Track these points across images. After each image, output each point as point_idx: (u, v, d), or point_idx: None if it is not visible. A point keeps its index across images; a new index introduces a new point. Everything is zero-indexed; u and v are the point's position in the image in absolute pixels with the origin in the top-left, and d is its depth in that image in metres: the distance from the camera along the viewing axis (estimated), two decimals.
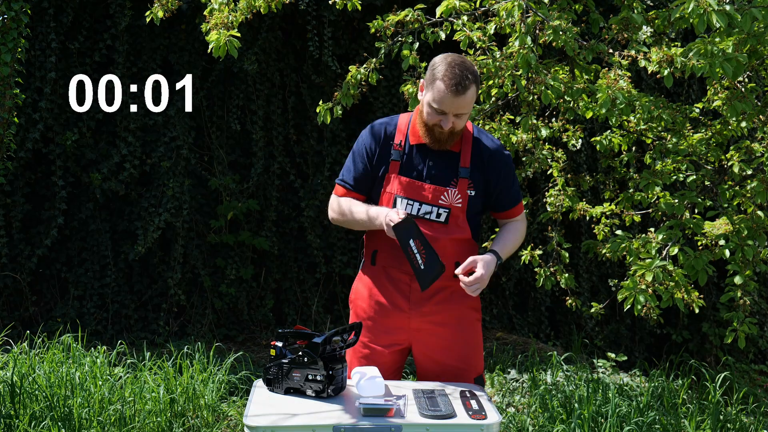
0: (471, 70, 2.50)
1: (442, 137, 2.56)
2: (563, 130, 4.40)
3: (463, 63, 2.51)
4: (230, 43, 3.45)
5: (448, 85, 2.47)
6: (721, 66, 2.88)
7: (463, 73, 2.47)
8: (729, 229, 3.45)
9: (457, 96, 2.47)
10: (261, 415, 2.21)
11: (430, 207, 2.60)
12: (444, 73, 2.48)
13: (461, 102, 2.48)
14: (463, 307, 2.67)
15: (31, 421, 3.61)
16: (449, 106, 2.49)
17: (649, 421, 3.83)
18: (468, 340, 2.68)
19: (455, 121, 2.52)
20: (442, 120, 2.52)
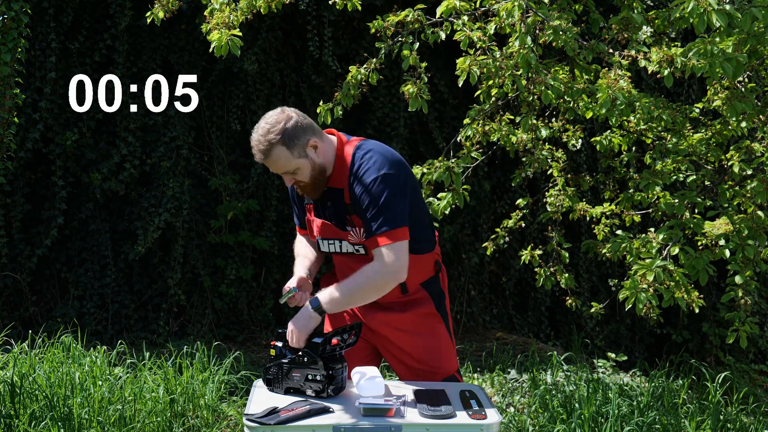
0: (273, 131, 2.43)
1: (303, 191, 2.56)
2: (563, 130, 4.40)
3: (265, 126, 2.45)
4: (232, 42, 3.45)
5: (254, 153, 2.48)
6: (721, 66, 2.87)
7: (261, 138, 2.44)
8: (729, 229, 3.45)
9: (264, 161, 2.46)
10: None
11: (347, 244, 2.59)
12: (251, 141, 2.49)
13: (273, 165, 2.47)
14: (413, 316, 2.66)
15: (31, 421, 3.61)
16: (270, 168, 2.51)
17: (649, 421, 3.83)
18: (427, 344, 2.67)
19: (294, 177, 2.50)
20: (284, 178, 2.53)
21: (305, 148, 2.47)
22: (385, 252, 2.42)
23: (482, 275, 6.32)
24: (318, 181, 2.52)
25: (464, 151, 4.10)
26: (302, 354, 2.39)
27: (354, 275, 2.48)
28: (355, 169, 2.48)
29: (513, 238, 5.73)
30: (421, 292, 2.66)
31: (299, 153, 2.46)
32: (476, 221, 6.26)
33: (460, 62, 3.48)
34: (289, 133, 2.45)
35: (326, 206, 2.59)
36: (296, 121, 2.48)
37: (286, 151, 2.44)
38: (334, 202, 2.57)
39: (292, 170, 2.47)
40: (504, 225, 4.61)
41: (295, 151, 2.45)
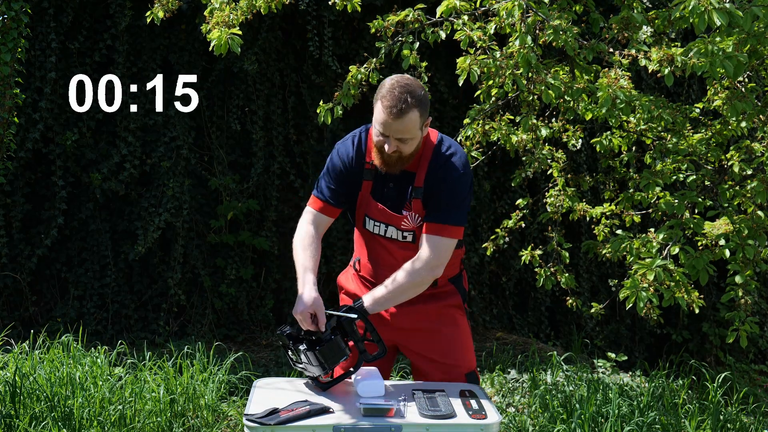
0: (414, 94, 2.40)
1: (390, 161, 2.48)
2: (563, 130, 4.40)
3: (407, 86, 2.41)
4: (232, 40, 3.45)
5: (386, 107, 2.39)
6: (721, 64, 2.87)
7: (402, 96, 2.38)
8: (729, 229, 3.45)
9: (395, 119, 2.39)
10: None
11: (394, 229, 2.59)
12: (384, 94, 2.41)
13: (400, 126, 2.40)
14: (441, 306, 2.68)
15: (32, 421, 3.61)
16: (388, 129, 2.41)
17: (649, 421, 3.83)
18: (451, 337, 2.69)
19: (399, 146, 2.44)
20: (385, 142, 2.45)
21: (425, 123, 2.47)
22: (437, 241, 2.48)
23: (482, 275, 6.32)
24: (411, 157, 2.50)
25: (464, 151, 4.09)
26: None
27: (396, 277, 2.50)
28: (443, 159, 2.51)
29: (513, 238, 5.73)
30: (449, 286, 2.70)
31: (421, 124, 2.45)
32: (476, 221, 6.26)
33: (460, 62, 3.48)
34: (425, 102, 2.45)
35: (387, 186, 2.56)
36: (427, 93, 2.48)
37: (418, 118, 2.42)
38: (398, 184, 2.55)
39: (408, 138, 2.42)
40: (504, 225, 4.61)
41: (421, 120, 2.44)
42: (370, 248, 2.69)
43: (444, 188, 2.50)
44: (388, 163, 2.50)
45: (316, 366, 2.37)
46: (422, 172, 2.52)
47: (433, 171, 2.51)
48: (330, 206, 2.65)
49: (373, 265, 2.70)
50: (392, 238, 2.61)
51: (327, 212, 2.66)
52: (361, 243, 2.72)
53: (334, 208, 2.66)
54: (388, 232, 2.60)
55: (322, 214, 2.67)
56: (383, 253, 2.65)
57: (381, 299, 2.51)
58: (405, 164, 2.51)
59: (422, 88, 2.46)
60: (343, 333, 2.43)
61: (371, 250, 2.69)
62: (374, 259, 2.69)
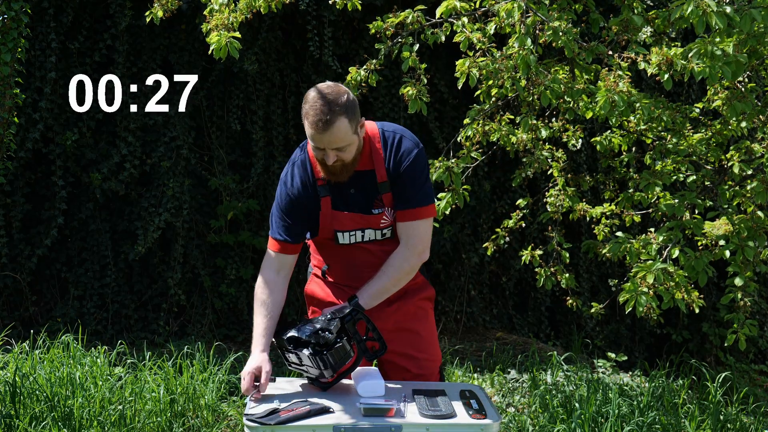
0: (337, 102, 2.33)
1: (335, 170, 2.44)
2: (563, 131, 4.40)
3: (328, 95, 2.34)
4: (231, 44, 3.45)
5: (312, 123, 2.34)
6: (720, 69, 2.88)
7: (325, 108, 2.32)
8: (729, 230, 3.46)
9: (324, 132, 2.33)
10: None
11: (372, 231, 2.57)
12: (307, 110, 2.35)
13: (331, 137, 2.35)
14: (416, 300, 2.69)
15: (32, 421, 3.62)
16: (321, 142, 2.37)
17: (649, 421, 3.83)
18: (425, 331, 2.70)
19: (339, 155, 2.39)
20: (324, 155, 2.40)
21: (358, 125, 2.43)
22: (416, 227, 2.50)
23: (482, 275, 6.32)
24: (355, 161, 2.46)
25: (464, 151, 4.10)
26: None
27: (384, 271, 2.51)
28: (394, 147, 2.48)
29: (513, 238, 5.73)
30: (420, 277, 2.70)
31: (354, 128, 2.40)
32: (476, 221, 6.26)
33: (459, 65, 3.48)
34: (351, 107, 2.38)
35: (348, 194, 2.52)
36: (353, 97, 2.41)
37: (347, 124, 2.36)
38: (359, 187, 2.51)
39: (344, 145, 2.38)
40: (504, 225, 4.61)
41: (352, 125, 2.39)
42: (345, 255, 2.64)
43: (405, 174, 2.48)
44: (334, 173, 2.45)
45: (319, 369, 2.37)
46: (380, 166, 2.49)
47: (391, 161, 2.49)
48: (289, 244, 2.58)
49: (350, 268, 2.65)
50: (371, 239, 2.58)
51: (288, 251, 2.59)
52: (330, 251, 2.67)
53: (294, 245, 2.59)
54: (366, 236, 2.57)
55: (283, 254, 2.59)
56: (362, 254, 2.62)
57: (376, 293, 2.51)
58: (352, 169, 2.47)
59: (345, 93, 2.39)
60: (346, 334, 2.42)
61: (346, 256, 2.64)
62: (351, 263, 2.64)
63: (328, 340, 2.36)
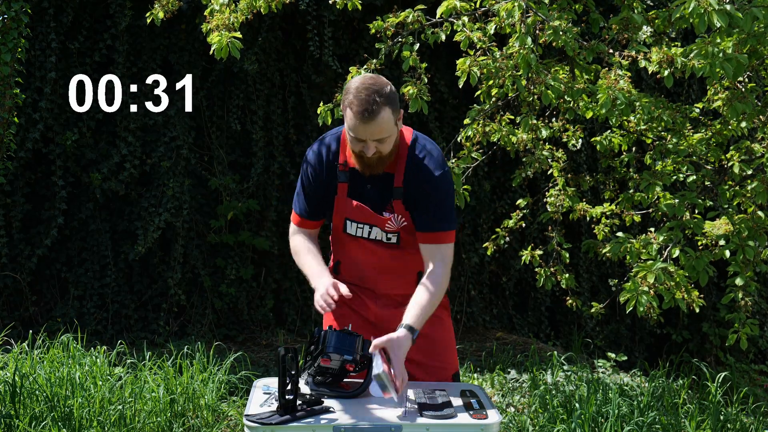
0: (381, 92, 2.34)
1: (372, 162, 2.44)
2: (563, 130, 4.40)
3: (372, 86, 2.35)
4: (232, 44, 3.45)
5: (357, 113, 2.34)
6: (721, 66, 2.88)
7: (371, 97, 2.32)
8: (729, 230, 3.45)
9: (367, 123, 2.34)
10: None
11: (379, 231, 2.57)
12: (351, 100, 2.35)
13: (374, 128, 2.35)
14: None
15: (32, 421, 3.61)
16: (364, 133, 2.36)
17: (649, 421, 3.83)
18: (439, 338, 2.69)
19: (378, 146, 2.39)
20: (363, 147, 2.40)
21: (399, 117, 2.43)
22: (441, 250, 2.50)
23: (482, 275, 6.32)
24: (392, 154, 2.47)
25: (464, 152, 4.10)
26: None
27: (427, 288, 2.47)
28: (417, 161, 2.49)
29: (513, 238, 5.73)
30: None
31: (395, 120, 2.40)
32: (476, 221, 6.26)
33: (460, 63, 3.48)
34: (393, 98, 2.39)
35: (365, 188, 2.53)
36: (394, 88, 2.42)
37: (390, 115, 2.37)
38: (377, 186, 2.51)
39: (385, 137, 2.38)
40: (504, 225, 4.61)
41: (394, 116, 2.39)
42: (353, 251, 2.64)
43: (429, 192, 2.49)
44: (369, 165, 2.46)
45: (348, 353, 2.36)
46: (400, 173, 2.50)
47: (411, 172, 2.49)
48: (307, 220, 2.65)
49: (356, 266, 2.66)
50: (377, 239, 2.58)
51: (307, 226, 2.67)
52: (342, 246, 2.67)
53: (311, 221, 2.66)
54: (372, 234, 2.57)
55: (303, 229, 2.68)
56: (367, 255, 2.62)
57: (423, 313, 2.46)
58: (386, 163, 2.47)
59: (388, 84, 2.40)
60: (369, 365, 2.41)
61: (354, 252, 2.64)
62: (357, 261, 2.65)
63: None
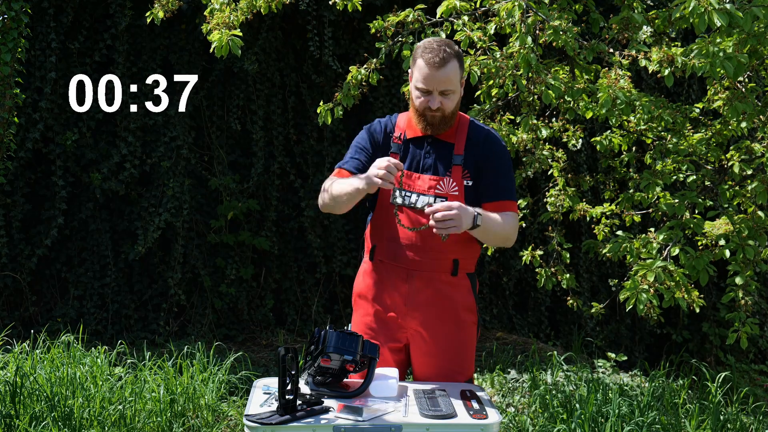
0: (451, 46, 2.52)
1: (434, 120, 2.55)
2: (563, 130, 4.40)
3: (442, 40, 2.55)
4: (232, 42, 3.45)
5: (428, 60, 2.49)
6: (721, 65, 2.88)
7: (441, 47, 2.49)
8: (729, 229, 3.46)
9: (438, 70, 2.48)
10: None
11: (426, 197, 2.58)
12: (423, 50, 2.51)
13: (443, 77, 2.49)
14: (458, 309, 2.67)
15: (32, 421, 3.61)
16: (432, 82, 2.50)
17: (650, 421, 3.83)
18: (462, 342, 2.68)
19: (443, 101, 2.52)
20: (429, 100, 2.52)
21: (463, 78, 2.57)
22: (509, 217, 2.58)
23: (482, 275, 6.32)
24: (452, 117, 2.58)
25: None
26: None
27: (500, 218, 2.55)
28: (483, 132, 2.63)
29: None
30: (465, 280, 2.71)
31: (461, 77, 2.55)
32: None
33: None
34: (461, 56, 2.56)
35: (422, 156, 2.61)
36: None
37: (458, 68, 2.52)
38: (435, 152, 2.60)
39: (451, 90, 2.52)
40: None
41: (460, 73, 2.54)
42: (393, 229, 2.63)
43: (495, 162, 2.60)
44: (432, 123, 2.56)
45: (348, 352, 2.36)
46: (461, 142, 2.60)
47: (474, 141, 2.60)
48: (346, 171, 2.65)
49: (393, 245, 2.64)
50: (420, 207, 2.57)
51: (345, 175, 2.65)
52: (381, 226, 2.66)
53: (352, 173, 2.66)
54: (419, 202, 2.58)
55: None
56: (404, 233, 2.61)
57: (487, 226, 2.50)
58: (448, 124, 2.58)
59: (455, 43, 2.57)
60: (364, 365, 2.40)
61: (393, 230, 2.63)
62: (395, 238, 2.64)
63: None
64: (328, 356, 2.31)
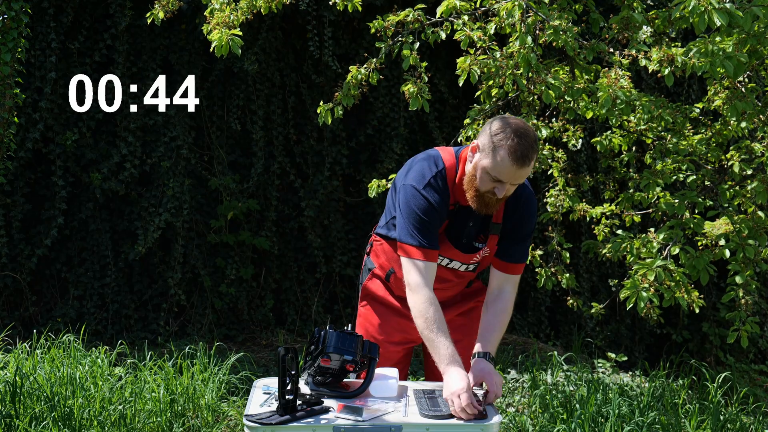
0: (534, 138, 2.36)
1: (491, 202, 2.43)
2: (563, 130, 4.40)
3: (527, 132, 2.35)
4: (232, 42, 3.45)
5: (514, 158, 2.32)
6: (722, 64, 2.88)
7: (528, 144, 2.33)
8: (729, 229, 3.46)
9: (521, 168, 2.34)
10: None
11: (459, 263, 2.61)
12: (510, 144, 2.32)
13: (523, 173, 2.37)
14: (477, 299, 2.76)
15: (32, 421, 3.61)
16: (509, 176, 2.36)
17: (650, 421, 3.82)
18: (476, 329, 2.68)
19: (509, 188, 2.41)
20: (497, 188, 2.38)
21: None
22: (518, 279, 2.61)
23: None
24: None
25: None
26: None
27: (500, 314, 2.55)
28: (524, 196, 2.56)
29: None
30: (477, 282, 2.81)
31: None
32: None
33: (460, 62, 3.48)
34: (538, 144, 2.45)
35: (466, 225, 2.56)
36: None
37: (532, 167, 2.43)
38: (476, 222, 2.55)
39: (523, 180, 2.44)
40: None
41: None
42: None
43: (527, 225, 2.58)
44: (488, 204, 2.44)
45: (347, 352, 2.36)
46: (500, 209, 2.53)
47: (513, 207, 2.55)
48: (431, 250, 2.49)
49: None
50: (453, 269, 2.62)
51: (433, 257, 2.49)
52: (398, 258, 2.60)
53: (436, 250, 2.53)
54: (452, 265, 2.60)
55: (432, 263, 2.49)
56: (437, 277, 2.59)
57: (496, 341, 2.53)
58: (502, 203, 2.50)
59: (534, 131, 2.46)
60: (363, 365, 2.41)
61: None
62: None
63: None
64: (328, 356, 2.31)
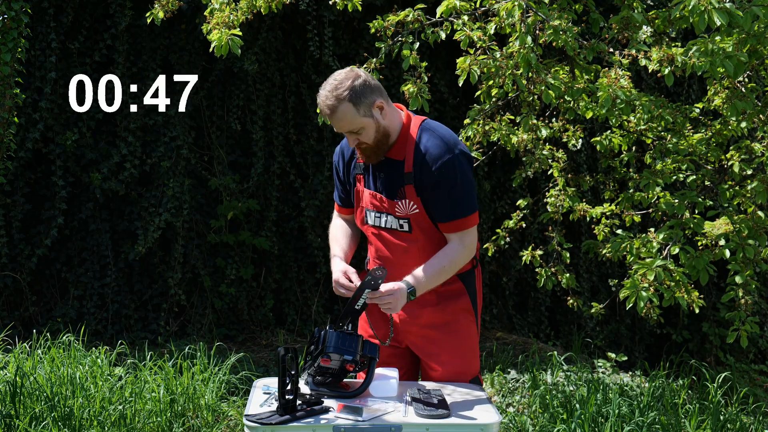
0: (340, 87, 2.45)
1: (366, 152, 2.54)
2: (563, 130, 4.40)
3: (332, 83, 2.48)
4: (232, 41, 3.45)
5: (321, 111, 2.53)
6: (722, 64, 2.88)
7: (328, 95, 2.46)
8: (729, 229, 3.46)
9: (331, 118, 2.49)
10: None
11: (392, 218, 2.60)
12: (318, 100, 2.51)
13: (338, 123, 2.49)
14: (455, 309, 2.67)
15: (32, 421, 3.61)
16: (336, 126, 2.52)
17: (650, 421, 3.82)
18: (460, 343, 2.68)
19: (357, 137, 2.50)
20: (347, 138, 2.55)
21: (371, 107, 2.49)
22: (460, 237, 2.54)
23: (482, 275, 6.32)
24: (381, 144, 2.53)
25: None
26: None
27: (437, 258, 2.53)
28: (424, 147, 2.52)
29: (513, 239, 5.73)
30: (457, 284, 2.66)
31: (365, 112, 2.48)
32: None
33: (460, 62, 3.48)
34: (356, 91, 2.46)
35: (378, 177, 2.60)
36: (364, 80, 2.49)
37: (352, 109, 2.46)
38: (389, 173, 2.58)
39: (356, 129, 2.48)
40: (504, 225, 4.61)
41: (361, 109, 2.47)
42: (374, 244, 2.72)
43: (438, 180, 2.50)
44: (365, 154, 2.55)
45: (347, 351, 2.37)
46: (409, 158, 2.54)
47: (419, 158, 2.52)
48: (342, 207, 2.81)
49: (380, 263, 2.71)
50: (391, 227, 2.61)
51: (341, 212, 2.83)
52: (368, 242, 2.77)
53: (343, 208, 2.81)
54: (387, 222, 2.61)
55: (339, 214, 2.84)
56: (382, 246, 2.66)
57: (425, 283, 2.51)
58: (382, 153, 2.56)
59: (353, 77, 2.47)
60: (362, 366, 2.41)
61: (375, 246, 2.71)
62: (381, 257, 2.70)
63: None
64: (328, 356, 2.32)
